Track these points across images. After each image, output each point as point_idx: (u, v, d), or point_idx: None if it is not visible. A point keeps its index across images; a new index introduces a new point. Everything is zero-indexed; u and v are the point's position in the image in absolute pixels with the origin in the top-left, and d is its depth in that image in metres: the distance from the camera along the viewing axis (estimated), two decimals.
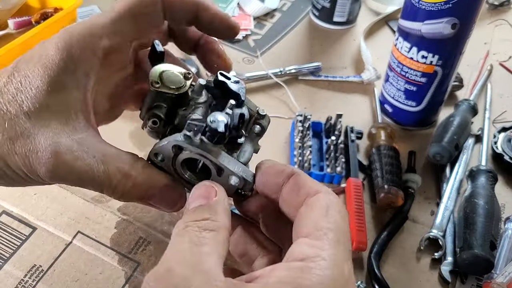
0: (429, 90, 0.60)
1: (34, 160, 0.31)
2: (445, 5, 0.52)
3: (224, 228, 0.29)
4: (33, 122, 0.31)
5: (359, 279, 0.48)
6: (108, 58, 0.35)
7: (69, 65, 0.32)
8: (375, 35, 0.81)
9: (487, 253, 0.47)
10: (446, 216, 0.53)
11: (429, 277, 0.50)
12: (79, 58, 0.33)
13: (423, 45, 0.56)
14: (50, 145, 0.31)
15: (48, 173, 0.31)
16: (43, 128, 0.31)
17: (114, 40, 0.35)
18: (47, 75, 0.32)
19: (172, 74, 0.36)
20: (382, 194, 0.53)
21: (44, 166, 0.31)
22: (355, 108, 0.68)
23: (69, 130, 0.32)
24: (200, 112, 0.34)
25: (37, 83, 0.31)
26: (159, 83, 0.35)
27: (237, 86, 0.35)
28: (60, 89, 0.32)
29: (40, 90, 0.31)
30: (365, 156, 0.61)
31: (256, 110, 0.37)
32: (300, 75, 0.71)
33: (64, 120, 0.32)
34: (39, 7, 0.75)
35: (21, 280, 0.45)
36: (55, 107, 0.32)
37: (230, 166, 0.32)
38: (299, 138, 0.58)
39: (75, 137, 0.32)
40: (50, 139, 0.31)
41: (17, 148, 0.31)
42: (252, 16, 0.82)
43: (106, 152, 0.32)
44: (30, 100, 0.31)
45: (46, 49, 0.33)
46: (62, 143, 0.31)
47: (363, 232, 0.50)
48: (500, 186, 0.58)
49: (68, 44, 0.33)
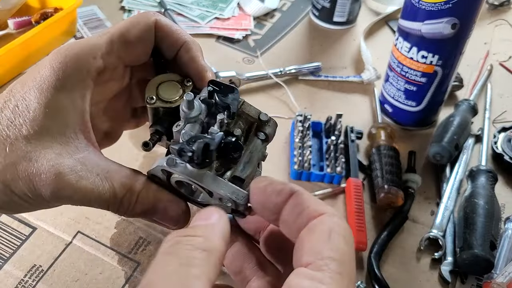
0: (429, 90, 0.60)
1: (38, 183, 0.31)
2: (445, 5, 0.52)
3: (218, 251, 0.26)
4: (33, 145, 0.31)
5: (359, 279, 0.48)
6: (101, 77, 0.35)
7: (66, 86, 0.32)
8: (375, 35, 0.81)
9: (487, 253, 0.47)
10: (446, 216, 0.53)
11: (429, 277, 0.50)
12: (74, 78, 0.33)
13: (423, 45, 0.56)
14: (53, 166, 0.30)
15: (53, 195, 0.31)
16: (45, 150, 0.31)
17: (108, 61, 0.35)
18: (43, 96, 0.31)
19: (169, 85, 0.36)
20: (382, 194, 0.53)
21: (48, 188, 0.30)
22: (355, 108, 0.68)
23: (70, 150, 0.32)
24: (190, 129, 0.33)
25: (34, 105, 0.31)
26: (153, 98, 0.35)
27: (230, 97, 0.33)
28: (58, 111, 0.32)
29: (38, 113, 0.31)
30: (365, 156, 0.61)
31: (258, 115, 0.35)
32: (300, 75, 0.71)
33: (64, 141, 0.32)
34: (39, 7, 0.75)
35: (21, 280, 0.45)
36: (55, 128, 0.32)
37: (217, 188, 0.31)
38: (299, 138, 0.58)
39: (77, 156, 0.32)
40: (52, 160, 0.31)
41: (20, 173, 0.30)
42: (252, 16, 0.82)
43: (109, 169, 0.32)
44: (28, 123, 0.31)
45: (40, 71, 0.32)
46: (65, 163, 0.31)
47: (363, 232, 0.50)
48: (500, 186, 0.58)
49: (63, 64, 0.32)
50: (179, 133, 0.33)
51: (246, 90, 0.69)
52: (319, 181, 0.57)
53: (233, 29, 0.79)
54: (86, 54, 0.33)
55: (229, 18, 0.81)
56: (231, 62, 0.73)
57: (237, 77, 0.67)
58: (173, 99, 0.35)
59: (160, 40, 0.37)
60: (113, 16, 0.80)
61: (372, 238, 0.52)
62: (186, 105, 0.33)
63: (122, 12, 0.81)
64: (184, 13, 0.81)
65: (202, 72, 0.37)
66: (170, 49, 0.37)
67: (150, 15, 0.36)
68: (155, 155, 0.54)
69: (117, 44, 0.35)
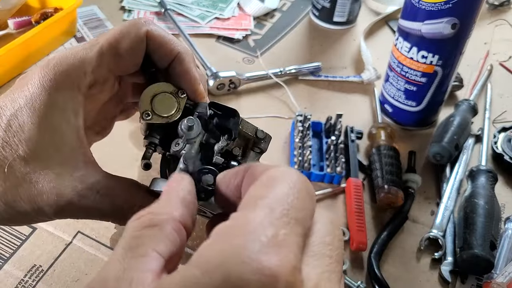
0: (429, 90, 0.60)
1: (41, 202, 0.31)
2: (445, 5, 0.52)
3: (172, 220, 0.24)
4: (32, 166, 0.31)
5: (359, 279, 0.48)
6: (92, 91, 0.34)
7: (58, 104, 0.32)
8: (375, 35, 0.81)
9: (487, 253, 0.47)
10: (446, 216, 0.53)
11: (429, 277, 0.50)
12: (66, 96, 0.32)
13: (423, 45, 0.56)
14: (54, 187, 0.31)
15: (57, 213, 0.31)
16: (44, 171, 0.31)
17: (98, 74, 0.34)
18: (36, 116, 0.31)
19: (164, 98, 0.35)
20: (382, 194, 0.53)
21: (51, 207, 0.31)
22: (355, 108, 0.68)
23: (69, 169, 0.32)
24: (189, 149, 0.33)
25: (28, 125, 0.31)
26: (149, 114, 0.34)
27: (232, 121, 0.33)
28: (52, 130, 0.32)
29: (32, 133, 0.31)
30: (365, 156, 0.61)
31: (255, 132, 0.35)
32: (300, 75, 0.71)
33: (62, 160, 0.32)
34: (39, 7, 0.75)
35: (21, 280, 0.45)
36: (51, 148, 0.31)
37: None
38: (299, 138, 0.58)
39: (76, 175, 0.32)
40: (52, 182, 0.31)
41: (22, 195, 0.31)
42: (252, 16, 0.82)
43: (110, 185, 0.32)
44: (24, 144, 0.31)
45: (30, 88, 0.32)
46: (65, 184, 0.31)
47: (363, 232, 0.50)
48: (500, 186, 0.58)
49: (53, 82, 0.32)
50: (178, 153, 0.33)
51: (246, 90, 0.69)
52: (319, 181, 0.57)
53: (233, 29, 0.79)
54: (76, 71, 0.33)
55: (229, 18, 0.81)
56: (231, 62, 0.73)
57: (237, 77, 0.67)
58: (169, 114, 0.35)
59: (152, 51, 0.36)
60: (113, 16, 0.80)
61: (372, 238, 0.52)
62: (186, 128, 0.33)
63: (122, 12, 0.81)
64: (184, 13, 0.80)
65: (195, 85, 0.36)
66: (162, 60, 0.36)
67: (141, 25, 0.35)
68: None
69: (107, 57, 0.34)
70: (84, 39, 0.75)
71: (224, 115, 0.33)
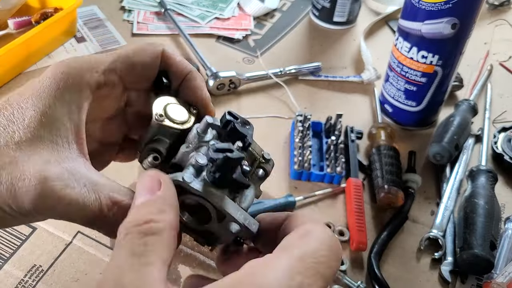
0: (429, 90, 0.60)
1: (20, 188, 0.29)
2: (445, 5, 0.52)
3: (169, 228, 0.26)
4: (23, 151, 0.30)
5: (359, 279, 0.48)
6: (99, 92, 0.34)
7: (64, 95, 0.32)
8: (375, 35, 0.81)
9: (487, 253, 0.47)
10: (446, 216, 0.53)
11: (429, 277, 0.50)
12: (74, 89, 0.32)
13: (423, 45, 0.56)
14: (39, 172, 0.29)
15: (34, 202, 0.29)
16: (33, 156, 0.30)
17: (109, 77, 0.35)
18: (41, 104, 0.31)
19: (177, 107, 0.35)
20: (382, 194, 0.53)
21: (30, 194, 0.29)
22: (355, 108, 0.68)
23: (60, 159, 0.31)
24: (204, 152, 0.32)
25: (30, 113, 0.31)
26: (163, 116, 0.34)
27: (245, 129, 0.33)
28: (53, 119, 0.31)
29: (33, 120, 0.31)
30: (365, 156, 0.61)
31: (261, 153, 0.35)
32: (300, 75, 0.71)
33: (55, 149, 0.31)
34: (39, 7, 0.75)
35: (21, 280, 0.45)
36: (48, 137, 0.31)
37: (233, 213, 0.30)
38: (299, 138, 0.58)
39: (66, 165, 0.30)
40: (39, 166, 0.29)
41: (3, 177, 0.29)
42: (252, 16, 0.82)
43: (98, 182, 0.31)
44: (22, 130, 0.30)
45: (41, 81, 0.32)
46: (52, 170, 0.30)
47: (363, 232, 0.50)
48: (500, 186, 0.58)
49: (65, 74, 0.32)
50: (188, 154, 0.33)
51: (246, 90, 0.69)
52: (319, 181, 0.57)
53: (233, 29, 0.79)
54: (88, 67, 0.34)
55: (229, 18, 0.81)
56: (231, 62, 0.73)
57: (237, 77, 0.67)
58: (183, 121, 0.35)
59: (166, 67, 0.37)
60: (113, 16, 0.80)
61: (372, 238, 0.52)
62: (203, 127, 0.33)
63: (122, 12, 0.81)
64: (184, 13, 0.81)
65: (206, 101, 0.38)
66: (175, 77, 0.38)
67: (157, 45, 0.37)
68: None
69: (120, 64, 0.35)
70: (84, 39, 0.75)
71: (240, 121, 0.34)
